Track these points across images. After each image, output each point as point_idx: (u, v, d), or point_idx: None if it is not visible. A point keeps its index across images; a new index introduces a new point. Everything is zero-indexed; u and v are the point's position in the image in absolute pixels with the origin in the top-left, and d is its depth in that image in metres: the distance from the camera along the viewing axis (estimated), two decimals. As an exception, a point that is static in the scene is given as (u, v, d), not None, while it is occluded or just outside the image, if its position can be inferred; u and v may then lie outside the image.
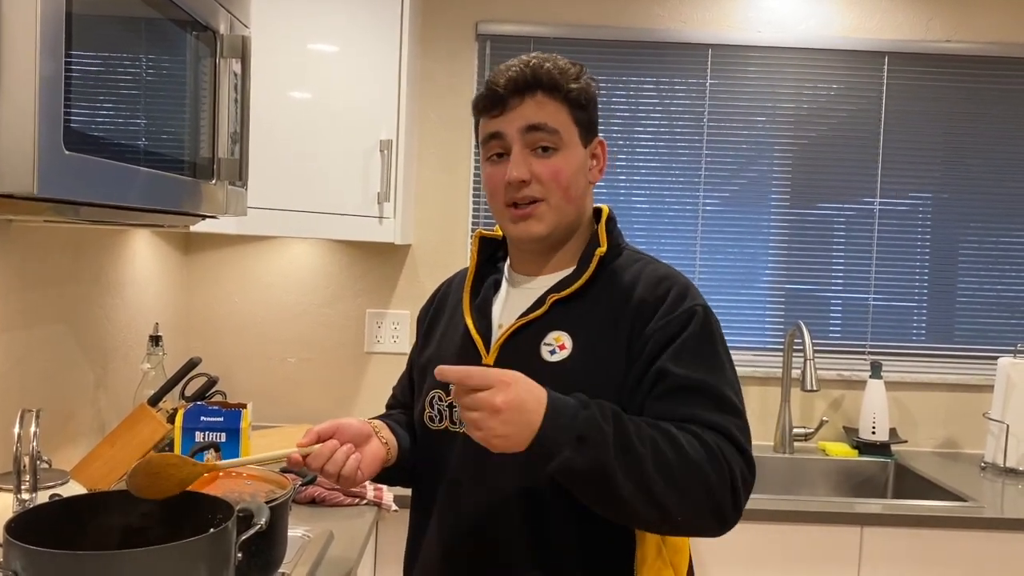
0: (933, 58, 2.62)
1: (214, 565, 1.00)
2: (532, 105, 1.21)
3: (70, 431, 1.87)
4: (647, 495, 1.05)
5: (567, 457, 1.04)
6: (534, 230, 1.22)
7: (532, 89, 1.21)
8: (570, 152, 1.22)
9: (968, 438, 2.64)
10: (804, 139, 2.64)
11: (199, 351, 2.51)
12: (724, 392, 1.15)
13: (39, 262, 1.71)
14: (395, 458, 1.28)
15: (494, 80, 1.22)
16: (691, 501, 1.07)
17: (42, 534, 0.98)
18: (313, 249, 2.60)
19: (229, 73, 1.46)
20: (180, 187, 1.28)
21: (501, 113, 1.22)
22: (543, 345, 1.22)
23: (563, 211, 1.23)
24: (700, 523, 1.10)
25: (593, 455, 1.04)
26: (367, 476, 1.23)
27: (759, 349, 2.65)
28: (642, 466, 1.05)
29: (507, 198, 1.22)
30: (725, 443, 1.11)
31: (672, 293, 1.20)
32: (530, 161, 1.21)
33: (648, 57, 2.61)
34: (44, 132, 0.88)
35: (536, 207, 1.22)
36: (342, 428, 1.20)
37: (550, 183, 1.21)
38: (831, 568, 2.02)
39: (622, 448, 1.05)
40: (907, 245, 2.67)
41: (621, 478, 1.04)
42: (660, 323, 1.17)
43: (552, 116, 1.21)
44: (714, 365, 1.17)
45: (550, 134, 1.20)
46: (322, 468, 1.17)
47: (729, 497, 1.09)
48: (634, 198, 2.64)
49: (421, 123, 2.58)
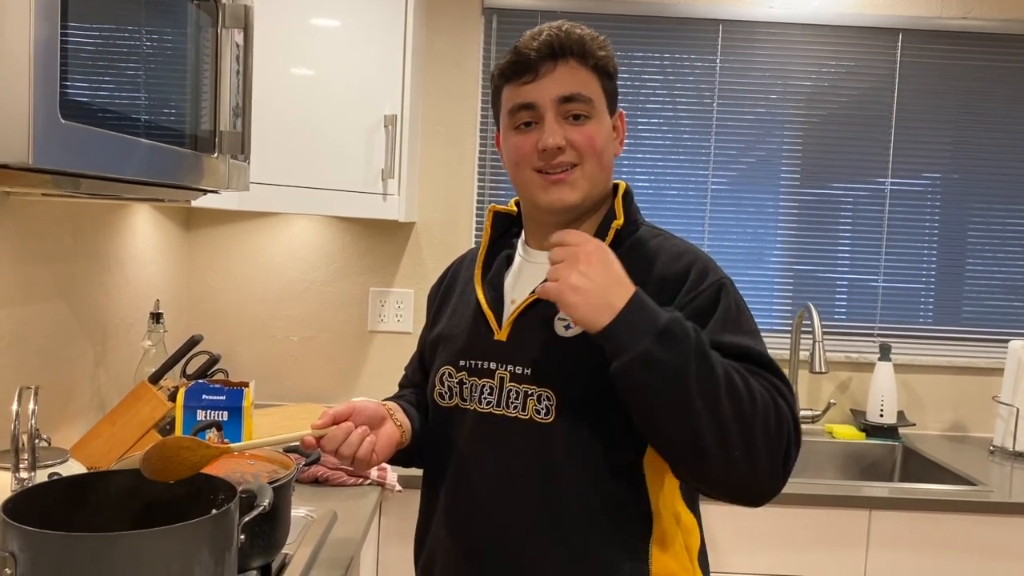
0: (948, 35, 2.57)
1: (216, 547, 0.98)
2: (566, 72, 1.18)
3: (70, 409, 1.85)
4: (715, 415, 1.02)
5: (647, 349, 1.00)
6: (567, 197, 1.19)
7: (565, 55, 1.18)
8: (600, 120, 1.21)
9: (977, 421, 2.62)
10: (815, 117, 2.60)
11: (201, 329, 2.48)
12: (771, 359, 1.14)
13: (38, 237, 1.68)
14: (409, 441, 1.26)
15: (524, 45, 1.19)
16: (751, 442, 1.04)
17: (40, 514, 0.96)
18: (316, 226, 2.57)
19: (231, 43, 1.42)
20: (181, 160, 1.25)
21: (533, 79, 1.18)
22: (558, 319, 1.19)
23: (596, 179, 1.20)
24: (750, 473, 1.06)
25: (675, 352, 1.01)
26: (381, 459, 1.21)
27: (767, 330, 2.62)
28: (716, 384, 1.02)
29: (539, 164, 1.19)
30: (781, 401, 1.09)
31: (695, 268, 1.18)
32: (565, 128, 1.18)
33: (657, 32, 2.57)
34: (39, 100, 0.85)
35: (570, 173, 1.18)
36: (358, 410, 1.18)
37: (586, 149, 1.18)
38: (838, 551, 2.01)
39: (701, 357, 1.02)
40: (917, 226, 2.63)
41: (696, 386, 1.01)
42: (688, 298, 1.15)
43: (585, 84, 1.19)
44: (755, 334, 1.16)
45: (584, 103, 1.18)
46: (336, 451, 1.15)
47: (781, 458, 1.07)
48: (637, 177, 2.60)
49: (426, 98, 2.54)
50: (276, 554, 1.33)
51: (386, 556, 1.96)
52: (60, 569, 0.90)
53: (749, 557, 2.01)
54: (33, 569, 0.90)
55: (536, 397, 1.17)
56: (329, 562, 1.44)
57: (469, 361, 1.24)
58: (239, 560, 1.06)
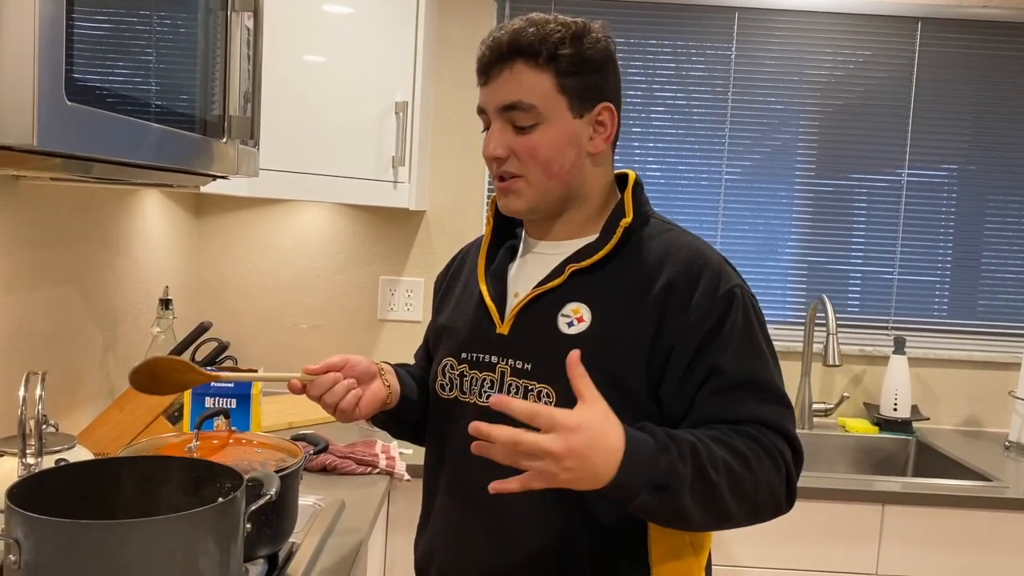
0: (968, 24, 2.53)
1: (222, 536, 0.97)
2: (510, 79, 1.16)
3: (78, 395, 1.84)
4: (719, 518, 1.08)
5: (644, 501, 1.01)
6: (513, 205, 1.21)
7: (511, 58, 1.15)
8: (552, 126, 1.16)
9: (992, 416, 2.59)
10: (831, 107, 2.57)
11: (209, 315, 2.48)
12: (772, 382, 1.15)
13: (47, 222, 1.67)
14: (395, 404, 1.27)
15: (481, 46, 1.19)
16: (758, 510, 1.10)
17: (46, 501, 0.95)
18: (326, 214, 2.56)
19: (241, 27, 1.40)
20: (190, 144, 1.23)
21: (486, 83, 1.19)
22: (560, 316, 1.18)
23: (544, 187, 1.18)
24: (760, 518, 1.13)
25: (671, 500, 1.02)
26: (364, 414, 1.23)
27: (780, 323, 2.60)
28: (718, 496, 1.05)
29: (492, 172, 1.21)
30: (780, 440, 1.12)
31: (706, 275, 1.15)
32: (509, 137, 1.17)
33: (672, 20, 2.53)
34: (44, 81, 0.83)
35: (515, 183, 1.18)
36: (351, 363, 1.22)
37: (528, 160, 1.17)
38: (851, 546, 1.99)
39: (700, 486, 1.03)
40: (933, 218, 2.60)
41: (697, 513, 1.05)
42: (699, 311, 1.13)
43: (530, 89, 1.15)
44: (760, 353, 1.15)
45: (526, 111, 1.15)
46: (320, 398, 1.19)
47: (784, 493, 1.12)
48: (650, 166, 2.58)
49: (438, 85, 2.52)
50: (283, 543, 1.32)
51: (394, 545, 1.95)
52: (65, 556, 0.89)
53: (761, 551, 2.00)
54: (38, 556, 0.89)
55: (536, 393, 1.16)
56: (337, 551, 1.43)
57: (470, 354, 1.24)
58: (246, 549, 1.05)
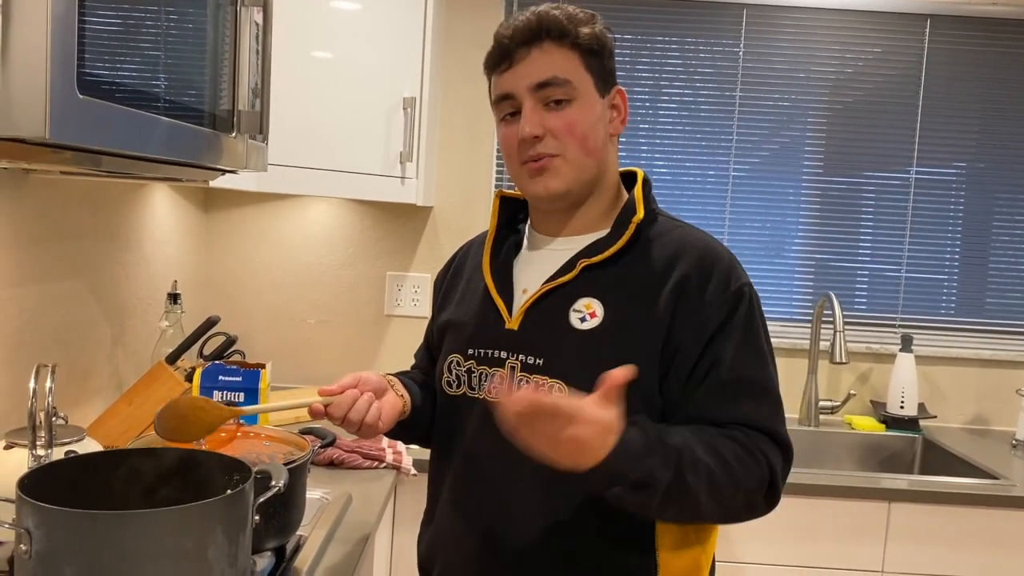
0: (977, 21, 2.52)
1: (230, 526, 0.98)
2: (540, 57, 1.16)
3: (87, 388, 1.85)
4: (688, 516, 1.12)
5: (619, 493, 1.04)
6: (552, 186, 1.18)
7: (539, 38, 1.16)
8: (585, 102, 1.17)
9: (999, 415, 2.58)
10: (839, 105, 2.56)
11: (218, 310, 2.49)
12: (768, 382, 1.16)
13: (57, 216, 1.68)
14: (409, 412, 1.27)
15: (501, 32, 1.19)
16: (728, 511, 1.13)
17: (56, 492, 0.95)
18: (334, 209, 2.56)
19: (250, 22, 1.41)
20: (199, 138, 1.24)
21: (509, 67, 1.18)
22: (572, 312, 1.18)
23: (582, 165, 1.18)
24: (736, 519, 1.16)
25: (644, 498, 1.05)
26: (386, 427, 1.21)
27: (786, 320, 2.59)
28: (692, 499, 1.07)
29: (522, 156, 1.18)
30: (767, 443, 1.13)
31: (718, 271, 1.16)
32: (543, 115, 1.16)
33: (679, 16, 2.53)
34: (56, 74, 0.84)
35: (551, 161, 1.17)
36: (363, 380, 1.20)
37: (566, 136, 1.16)
38: (857, 543, 1.99)
39: (677, 489, 1.05)
40: (941, 216, 2.59)
41: (666, 510, 1.09)
42: (711, 307, 1.14)
43: (562, 66, 1.16)
44: (760, 352, 1.16)
45: (561, 86, 1.16)
46: (344, 417, 1.15)
47: (763, 497, 1.13)
48: (656, 164, 2.58)
49: (445, 81, 2.52)
50: (291, 535, 1.33)
51: (400, 539, 1.96)
52: (74, 546, 0.89)
53: (767, 548, 2.00)
54: (48, 545, 0.90)
55: (547, 388, 1.16)
56: (344, 544, 1.44)
57: (478, 350, 1.23)
58: (254, 541, 1.06)
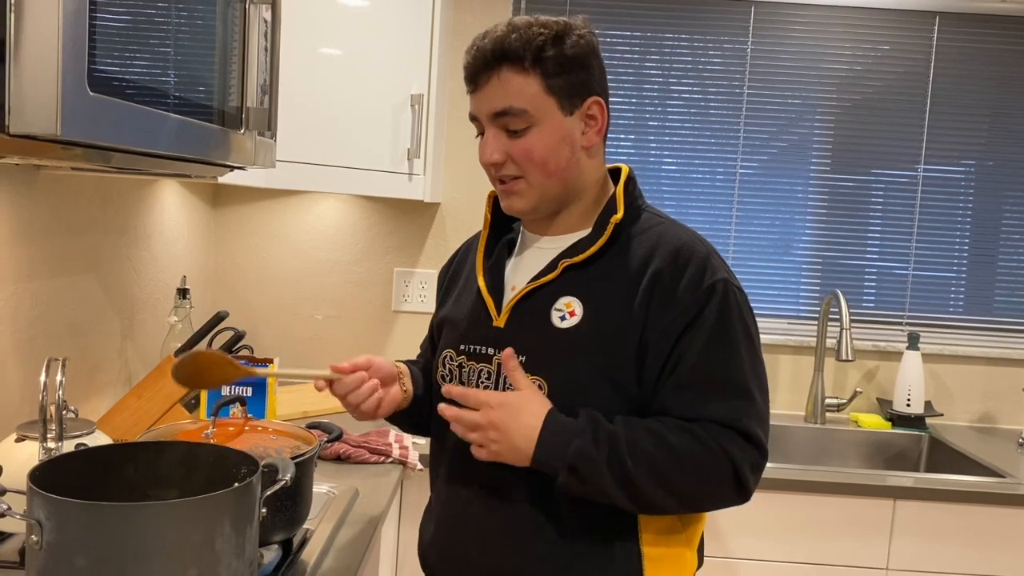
0: (986, 19, 2.51)
1: (238, 519, 0.99)
2: (497, 85, 1.17)
3: (97, 382, 1.87)
4: (645, 505, 1.15)
5: (565, 481, 1.12)
6: (516, 206, 1.24)
7: (496, 65, 1.17)
8: (546, 127, 1.18)
9: (1007, 413, 2.58)
10: (847, 102, 2.56)
11: (226, 305, 2.51)
12: (738, 378, 1.15)
13: (67, 211, 1.70)
14: (408, 404, 1.34)
15: (468, 53, 1.20)
16: (690, 499, 1.16)
17: (66, 484, 0.97)
18: (342, 205, 2.58)
19: (259, 19, 1.42)
20: (208, 135, 1.25)
21: (474, 90, 1.20)
22: (554, 311, 1.21)
23: (544, 186, 1.21)
24: (704, 510, 1.21)
25: (588, 481, 1.12)
26: (381, 415, 1.30)
27: (793, 317, 2.59)
28: (636, 483, 1.11)
29: (491, 175, 1.24)
30: (730, 438, 1.13)
31: (691, 267, 1.17)
32: (504, 142, 1.19)
33: (687, 13, 2.53)
34: (67, 71, 0.85)
35: (515, 184, 1.21)
36: (376, 365, 1.26)
37: (525, 163, 1.19)
38: (862, 541, 1.99)
39: (617, 471, 1.11)
40: (949, 214, 2.59)
41: (619, 496, 1.13)
42: (680, 303, 1.15)
43: (519, 93, 1.16)
44: (732, 346, 1.16)
45: (518, 116, 1.17)
46: (344, 397, 1.23)
47: (731, 487, 1.15)
48: (664, 161, 2.58)
49: (453, 77, 2.53)
50: (298, 529, 1.34)
51: (406, 533, 1.97)
52: (84, 537, 0.91)
53: (772, 544, 2.00)
54: (58, 536, 0.91)
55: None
56: (350, 538, 1.45)
57: (469, 346, 1.27)
58: (261, 534, 1.07)
